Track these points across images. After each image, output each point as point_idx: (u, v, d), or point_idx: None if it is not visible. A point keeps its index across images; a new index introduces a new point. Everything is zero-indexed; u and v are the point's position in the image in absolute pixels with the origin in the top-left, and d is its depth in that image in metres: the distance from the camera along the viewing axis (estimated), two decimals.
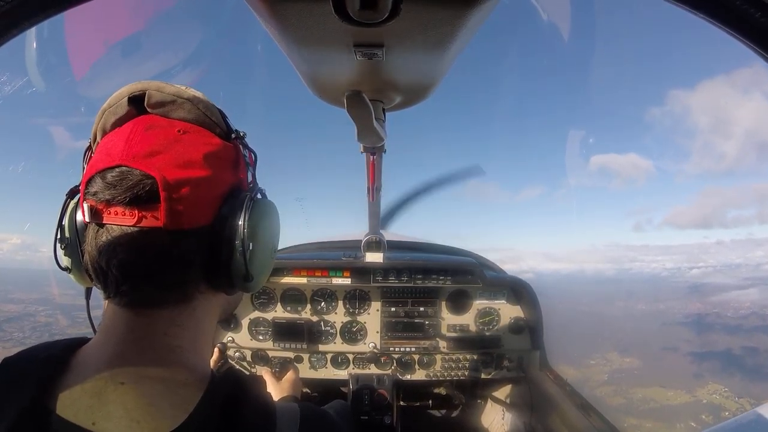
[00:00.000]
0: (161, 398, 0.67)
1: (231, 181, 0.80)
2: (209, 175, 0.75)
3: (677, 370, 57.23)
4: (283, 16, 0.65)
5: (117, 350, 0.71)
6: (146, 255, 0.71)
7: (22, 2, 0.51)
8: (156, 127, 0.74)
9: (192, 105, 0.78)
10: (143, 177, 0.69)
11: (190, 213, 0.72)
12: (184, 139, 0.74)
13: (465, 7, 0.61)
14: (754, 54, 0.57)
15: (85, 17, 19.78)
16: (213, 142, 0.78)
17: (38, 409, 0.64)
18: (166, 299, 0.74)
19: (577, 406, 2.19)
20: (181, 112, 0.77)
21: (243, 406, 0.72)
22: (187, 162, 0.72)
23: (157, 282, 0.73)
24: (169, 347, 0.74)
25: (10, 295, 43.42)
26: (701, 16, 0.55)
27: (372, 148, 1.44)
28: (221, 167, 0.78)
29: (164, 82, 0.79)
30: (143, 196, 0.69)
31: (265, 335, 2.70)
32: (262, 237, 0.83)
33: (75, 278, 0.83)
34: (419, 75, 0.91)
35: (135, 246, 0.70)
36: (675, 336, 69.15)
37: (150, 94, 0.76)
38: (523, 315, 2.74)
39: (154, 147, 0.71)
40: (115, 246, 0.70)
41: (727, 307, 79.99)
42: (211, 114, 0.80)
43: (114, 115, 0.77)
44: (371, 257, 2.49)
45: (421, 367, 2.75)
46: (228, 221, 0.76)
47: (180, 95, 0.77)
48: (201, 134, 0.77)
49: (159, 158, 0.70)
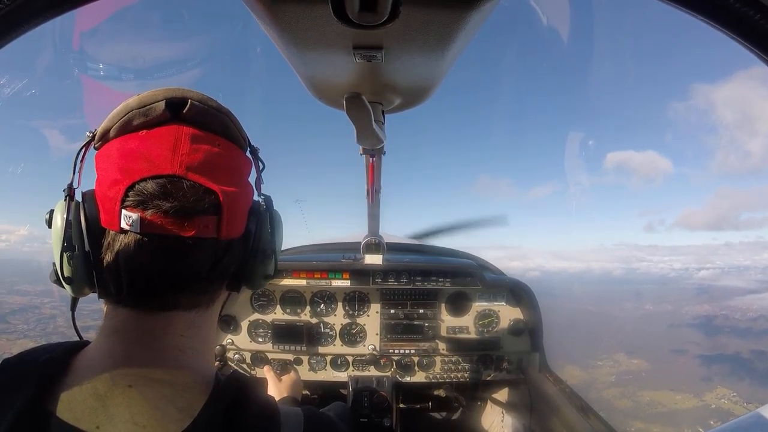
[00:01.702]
0: (167, 402, 0.67)
1: (252, 193, 0.86)
2: (245, 190, 0.81)
3: (685, 373, 56.78)
4: (282, 18, 0.65)
5: (126, 352, 0.71)
6: (198, 264, 0.74)
7: (23, 4, 0.51)
8: (200, 139, 0.74)
9: (228, 120, 0.80)
10: (205, 190, 0.71)
11: (236, 224, 0.78)
12: (224, 153, 0.77)
13: (464, 9, 0.61)
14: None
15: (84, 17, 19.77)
16: (242, 156, 0.83)
17: (37, 411, 0.63)
18: (195, 303, 0.78)
19: (576, 408, 2.19)
20: (217, 126, 0.78)
21: (247, 410, 0.72)
22: (235, 177, 0.78)
23: (198, 288, 0.77)
24: (182, 348, 0.75)
25: (16, 287, 43.23)
26: (701, 19, 0.55)
27: (371, 150, 1.44)
28: (247, 180, 0.85)
29: (205, 95, 0.79)
30: (208, 209, 0.72)
31: (264, 337, 2.69)
32: (278, 242, 0.92)
33: (72, 289, 0.76)
34: (418, 77, 0.91)
35: (187, 255, 0.72)
36: (683, 338, 68.55)
37: (192, 104, 0.75)
38: (523, 317, 2.74)
39: (206, 160, 0.73)
40: (161, 255, 0.70)
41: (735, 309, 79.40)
42: (239, 129, 0.83)
43: (144, 117, 0.73)
44: (370, 259, 2.49)
45: (420, 369, 2.75)
46: (257, 231, 0.84)
47: (219, 109, 0.79)
48: (234, 149, 0.81)
49: (213, 173, 0.73)
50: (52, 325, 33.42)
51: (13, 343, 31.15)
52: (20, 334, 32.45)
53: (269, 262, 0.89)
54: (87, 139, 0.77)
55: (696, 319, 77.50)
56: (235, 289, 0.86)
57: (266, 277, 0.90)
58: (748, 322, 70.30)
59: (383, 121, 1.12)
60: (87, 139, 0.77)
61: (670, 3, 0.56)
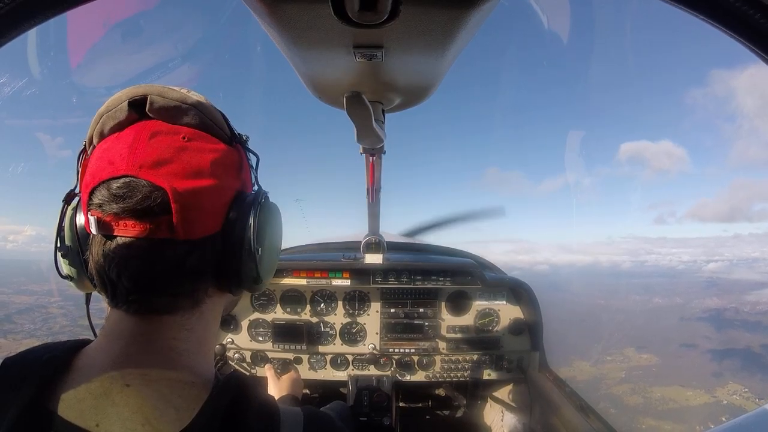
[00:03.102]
0: (166, 401, 0.67)
1: (236, 186, 0.80)
2: (217, 183, 0.74)
3: (696, 368, 55.94)
4: (282, 17, 0.65)
5: (123, 352, 0.71)
6: (159, 266, 0.70)
7: (23, 3, 0.51)
8: (160, 134, 0.72)
9: (196, 110, 0.76)
10: (153, 188, 0.68)
11: (201, 222, 0.72)
12: (189, 146, 0.73)
13: (464, 8, 0.61)
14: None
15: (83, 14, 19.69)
16: (218, 147, 0.77)
17: (39, 410, 0.64)
18: (177, 306, 0.75)
19: (576, 407, 2.19)
20: (185, 118, 0.75)
21: (247, 409, 0.71)
22: (195, 171, 0.72)
23: (170, 291, 0.73)
24: (177, 350, 0.74)
25: (23, 287, 43.12)
26: (702, 18, 0.55)
27: (371, 149, 1.44)
28: (227, 173, 0.77)
29: (167, 87, 0.76)
30: (155, 208, 0.68)
31: (264, 336, 2.69)
32: (269, 239, 0.84)
33: (76, 286, 0.82)
34: (419, 76, 0.91)
35: (147, 258, 0.70)
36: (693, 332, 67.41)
37: (152, 99, 0.74)
38: (523, 316, 2.74)
39: (161, 156, 0.69)
40: (127, 258, 0.69)
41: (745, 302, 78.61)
42: (214, 119, 0.78)
43: (113, 120, 0.74)
44: (371, 258, 2.49)
45: (420, 368, 2.75)
46: (237, 227, 0.76)
47: (184, 101, 0.75)
48: (206, 140, 0.76)
49: (167, 168, 0.69)
50: (58, 325, 33.40)
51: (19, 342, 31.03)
52: (27, 334, 32.40)
53: (252, 262, 0.79)
54: (82, 146, 0.79)
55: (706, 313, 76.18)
56: (226, 289, 0.82)
57: (254, 279, 0.82)
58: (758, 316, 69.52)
59: (383, 120, 1.12)
60: (82, 146, 0.79)
61: (672, 3, 0.56)
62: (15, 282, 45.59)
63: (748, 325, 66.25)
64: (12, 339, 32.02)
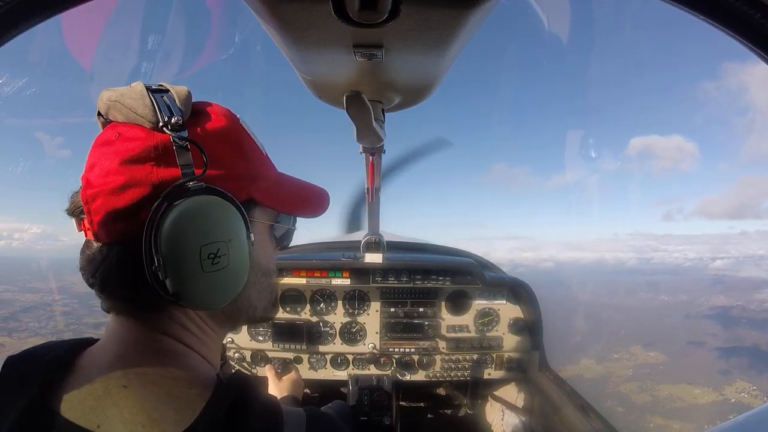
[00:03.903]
0: (165, 402, 0.67)
1: (156, 182, 0.70)
2: (124, 182, 0.68)
3: (703, 366, 55.47)
4: (282, 17, 0.65)
5: (118, 352, 0.71)
6: (89, 268, 0.74)
7: (21, 2, 0.51)
8: (102, 137, 0.75)
9: (120, 105, 0.72)
10: (79, 190, 0.74)
11: (108, 226, 0.70)
12: (114, 144, 0.71)
13: (464, 7, 0.61)
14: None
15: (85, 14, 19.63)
16: (137, 141, 0.70)
17: (41, 410, 0.64)
18: (127, 309, 0.76)
19: (576, 406, 2.19)
20: (118, 115, 0.73)
21: (249, 410, 0.71)
22: (107, 171, 0.70)
23: (108, 293, 0.75)
24: (168, 352, 0.74)
25: (28, 285, 43.20)
26: (702, 18, 0.55)
27: (371, 149, 1.44)
28: (143, 169, 0.70)
29: (107, 88, 0.75)
30: (77, 211, 0.75)
31: (264, 336, 2.69)
32: (177, 247, 0.68)
33: None
34: (419, 76, 0.91)
35: (84, 258, 0.75)
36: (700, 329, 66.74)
37: (99, 107, 0.76)
38: (523, 315, 2.74)
39: (93, 160, 0.73)
40: (80, 257, 0.76)
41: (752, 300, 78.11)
42: (136, 108, 0.71)
43: (100, 127, 0.79)
44: (371, 258, 2.49)
45: (420, 367, 2.75)
46: (142, 231, 0.67)
47: (110, 98, 0.73)
48: (131, 135, 0.71)
49: (91, 172, 0.72)
50: (63, 323, 33.41)
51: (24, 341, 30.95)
52: (31, 332, 32.37)
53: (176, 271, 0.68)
54: None
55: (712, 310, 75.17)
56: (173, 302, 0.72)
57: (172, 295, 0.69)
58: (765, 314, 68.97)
59: (383, 120, 1.12)
60: None
61: (672, 2, 0.55)
62: (20, 279, 45.65)
63: (755, 323, 65.88)
64: (17, 338, 32.02)
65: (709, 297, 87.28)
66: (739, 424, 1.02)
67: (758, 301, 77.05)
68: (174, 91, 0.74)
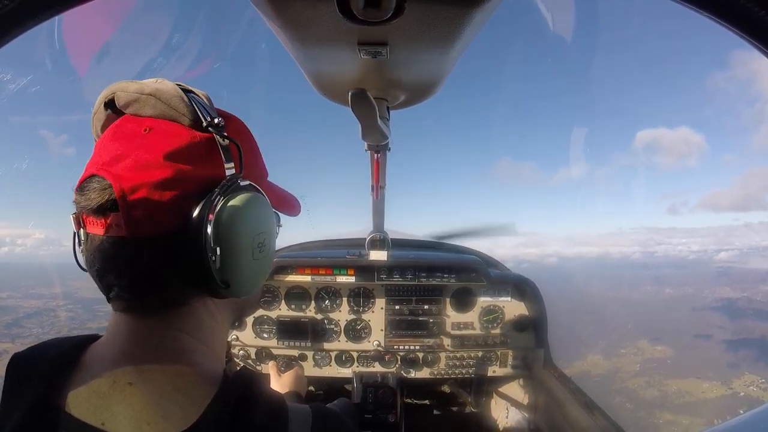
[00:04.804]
0: (170, 400, 0.67)
1: (202, 177, 0.72)
2: (169, 176, 0.69)
3: (711, 360, 54.82)
4: (288, 15, 0.65)
5: (123, 350, 0.71)
6: (116, 265, 0.70)
7: (22, 2, 0.51)
8: (123, 129, 0.73)
9: (155, 99, 0.73)
10: (106, 185, 0.68)
11: (151, 219, 0.68)
12: (147, 138, 0.71)
13: (469, 5, 0.61)
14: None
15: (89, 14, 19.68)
16: (179, 136, 0.72)
17: (47, 407, 0.64)
18: (148, 305, 0.73)
19: (580, 404, 2.19)
20: (147, 109, 0.73)
21: (255, 407, 0.71)
22: (146, 164, 0.68)
23: (133, 291, 0.71)
24: (174, 349, 0.73)
25: (32, 291, 43.40)
26: (707, 15, 0.54)
27: (376, 146, 1.44)
28: (187, 164, 0.71)
29: (128, 81, 0.75)
30: (108, 205, 0.67)
31: (269, 333, 2.71)
32: (235, 237, 0.73)
33: None
34: (423, 73, 0.91)
35: (106, 256, 0.69)
36: (707, 322, 66.18)
37: (117, 96, 0.74)
38: (527, 313, 2.74)
39: (119, 151, 0.69)
40: (94, 255, 0.70)
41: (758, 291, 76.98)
42: (177, 104, 0.73)
43: (99, 121, 0.77)
44: (375, 255, 2.49)
45: (425, 365, 2.76)
46: (194, 223, 0.69)
47: (141, 91, 0.73)
48: (167, 130, 0.72)
49: (121, 164, 0.68)
50: (66, 328, 33.57)
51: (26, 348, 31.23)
52: (35, 338, 32.64)
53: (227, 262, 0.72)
54: None
55: (718, 303, 74.43)
56: (202, 292, 0.76)
57: (222, 282, 0.72)
58: None
59: (388, 118, 1.12)
60: None
61: (677, 0, 0.55)
62: (24, 286, 45.88)
63: (762, 315, 64.88)
64: (20, 344, 32.32)
65: (714, 289, 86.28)
66: (744, 423, 1.01)
67: (764, 293, 75.93)
68: (196, 93, 0.77)
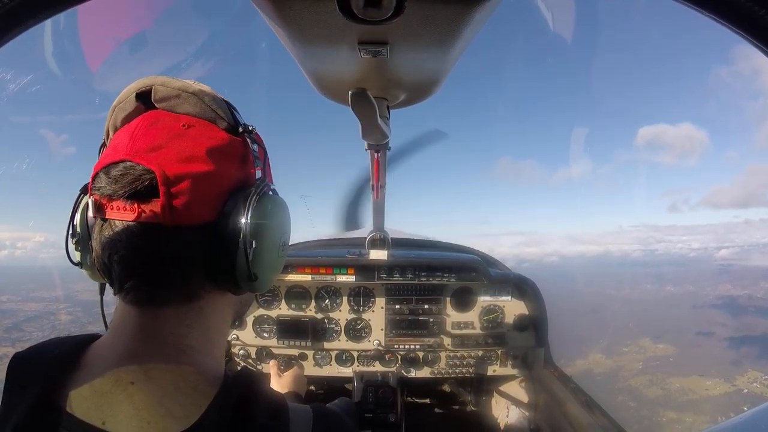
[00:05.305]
0: (171, 399, 0.67)
1: (237, 176, 0.77)
2: (212, 170, 0.72)
3: (714, 357, 54.68)
4: (288, 14, 0.65)
5: (127, 348, 0.71)
6: (145, 251, 0.69)
7: (22, 2, 0.51)
8: (160, 121, 0.73)
9: (197, 99, 0.76)
10: (144, 171, 0.68)
11: (191, 209, 0.70)
12: (187, 133, 0.73)
13: (469, 4, 0.61)
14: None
15: (95, 13, 19.63)
16: (218, 136, 0.76)
17: (48, 407, 0.64)
18: (168, 297, 0.73)
19: (581, 403, 2.19)
20: (186, 107, 0.76)
21: (256, 407, 0.71)
22: (189, 156, 0.70)
23: (158, 280, 0.71)
24: (179, 347, 0.73)
25: (32, 294, 43.18)
26: (708, 15, 0.54)
27: (376, 146, 1.44)
28: (226, 162, 0.75)
29: (171, 77, 0.78)
30: (143, 191, 0.68)
31: (269, 333, 2.71)
32: (268, 234, 0.79)
33: (88, 274, 0.82)
34: (424, 72, 0.91)
35: (134, 242, 0.69)
36: (708, 319, 65.95)
37: (156, 89, 0.76)
38: (528, 312, 2.74)
39: (157, 141, 0.70)
40: (116, 242, 0.69)
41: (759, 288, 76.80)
42: (217, 107, 0.78)
43: (123, 111, 0.77)
44: (376, 254, 2.49)
45: (425, 364, 2.76)
46: (230, 218, 0.73)
47: (185, 89, 0.76)
48: (206, 128, 0.76)
49: (161, 153, 0.69)
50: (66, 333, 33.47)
51: None
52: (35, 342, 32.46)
53: (242, 257, 0.74)
54: (102, 140, 0.82)
55: (719, 300, 74.40)
56: (221, 286, 0.77)
57: (248, 276, 0.76)
58: None
59: (388, 117, 1.12)
60: (102, 140, 0.82)
61: (678, 0, 0.55)
62: (24, 289, 45.65)
63: (764, 312, 64.66)
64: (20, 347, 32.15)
65: (715, 287, 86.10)
66: (747, 420, 1.01)
67: (766, 290, 75.79)
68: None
